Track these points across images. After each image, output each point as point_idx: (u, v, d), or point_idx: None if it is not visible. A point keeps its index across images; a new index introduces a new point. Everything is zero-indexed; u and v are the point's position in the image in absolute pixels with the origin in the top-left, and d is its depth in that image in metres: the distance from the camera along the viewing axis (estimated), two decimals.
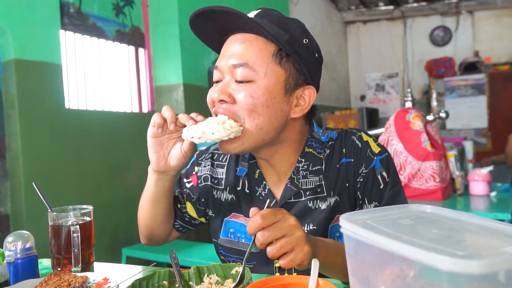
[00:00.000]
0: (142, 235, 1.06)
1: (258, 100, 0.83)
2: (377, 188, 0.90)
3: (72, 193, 2.53)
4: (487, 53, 6.02)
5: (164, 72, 3.42)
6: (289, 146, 0.93)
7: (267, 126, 0.85)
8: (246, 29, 0.85)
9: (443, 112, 2.57)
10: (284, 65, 0.85)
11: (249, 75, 0.83)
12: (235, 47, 0.85)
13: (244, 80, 0.83)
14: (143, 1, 3.37)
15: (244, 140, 0.85)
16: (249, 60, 0.83)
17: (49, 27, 2.47)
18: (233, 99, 0.84)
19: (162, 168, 0.91)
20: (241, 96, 0.83)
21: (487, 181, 2.50)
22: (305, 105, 0.89)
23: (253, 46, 0.84)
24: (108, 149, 2.80)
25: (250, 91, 0.83)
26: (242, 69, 0.83)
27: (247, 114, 0.83)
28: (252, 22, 0.81)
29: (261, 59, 0.84)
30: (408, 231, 0.53)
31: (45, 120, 2.40)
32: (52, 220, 0.84)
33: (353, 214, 0.61)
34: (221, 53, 0.89)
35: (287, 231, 0.71)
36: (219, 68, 0.87)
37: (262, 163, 0.96)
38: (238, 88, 0.84)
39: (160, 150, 0.89)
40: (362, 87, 6.76)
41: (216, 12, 0.82)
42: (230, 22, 0.85)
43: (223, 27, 0.88)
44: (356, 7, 6.62)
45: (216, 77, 0.89)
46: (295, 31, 0.86)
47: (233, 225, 0.99)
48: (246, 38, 0.85)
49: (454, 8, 6.15)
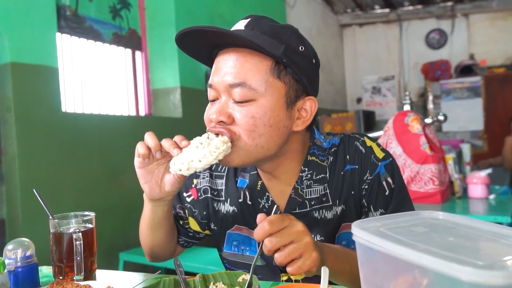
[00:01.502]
0: (147, 255, 1.03)
1: (260, 120, 0.79)
2: (382, 195, 0.88)
3: (69, 197, 2.50)
4: (482, 56, 6.06)
5: (161, 75, 3.40)
6: (292, 157, 0.90)
7: (268, 144, 0.81)
8: (239, 44, 0.80)
9: (442, 115, 2.57)
10: (283, 78, 0.81)
11: (248, 94, 0.78)
12: (229, 65, 0.80)
13: (243, 100, 0.79)
14: (140, 4, 3.36)
15: (244, 156, 0.81)
16: (246, 79, 0.78)
17: (45, 30, 2.44)
18: (232, 119, 0.80)
19: (157, 196, 0.87)
20: (242, 117, 0.79)
21: (486, 184, 2.51)
22: (307, 116, 0.86)
23: (248, 63, 0.79)
24: (105, 152, 2.77)
25: (251, 112, 0.79)
26: (240, 89, 0.78)
27: (247, 134, 0.79)
28: (245, 40, 0.76)
29: (259, 76, 0.79)
30: (423, 239, 0.52)
31: (41, 123, 2.38)
32: (54, 227, 0.82)
33: (364, 221, 0.60)
34: (214, 70, 0.83)
35: (295, 237, 0.70)
36: (214, 87, 0.82)
37: (264, 174, 0.93)
38: (238, 109, 0.79)
39: (151, 179, 0.85)
40: (358, 90, 6.78)
41: (206, 31, 0.78)
42: (221, 39, 0.80)
43: (213, 42, 0.83)
44: (352, 10, 6.63)
45: (211, 95, 0.84)
46: (289, 39, 0.81)
47: (236, 238, 0.96)
48: (239, 54, 0.80)
49: (450, 11, 6.18)
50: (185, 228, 1.05)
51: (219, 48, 0.84)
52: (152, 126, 3.14)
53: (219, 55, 0.84)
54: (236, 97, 0.79)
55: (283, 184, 0.91)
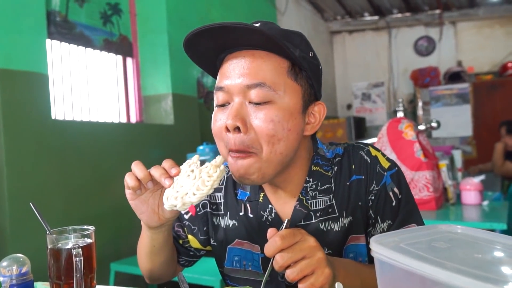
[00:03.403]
0: (146, 278, 1.00)
1: (279, 123, 0.75)
2: (389, 206, 0.86)
3: (59, 206, 2.44)
4: (470, 62, 6.15)
5: (153, 81, 3.37)
6: (300, 166, 0.87)
7: (287, 150, 0.77)
8: (255, 45, 0.76)
9: (435, 122, 2.58)
10: (300, 81, 0.79)
11: (267, 95, 0.75)
12: (245, 65, 0.76)
13: (262, 102, 0.75)
14: (131, 10, 3.32)
15: (264, 168, 0.76)
16: (265, 79, 0.75)
17: (35, 36, 2.39)
18: (248, 127, 0.75)
19: (157, 224, 0.82)
20: (260, 121, 0.74)
21: (479, 190, 2.52)
22: (315, 122, 0.84)
23: (267, 63, 0.76)
24: (96, 160, 2.72)
25: (270, 115, 0.74)
26: (259, 90, 0.74)
27: (267, 141, 0.75)
28: (274, 38, 0.72)
29: (278, 77, 0.76)
30: (447, 256, 0.50)
31: (30, 131, 2.32)
32: (51, 242, 0.79)
33: (382, 236, 0.58)
34: (224, 72, 0.79)
35: (307, 252, 0.67)
36: (226, 89, 0.77)
37: (267, 185, 0.89)
38: (255, 112, 0.75)
39: (147, 208, 0.81)
40: (348, 96, 6.81)
41: (228, 28, 0.72)
42: (238, 39, 0.75)
43: (225, 44, 0.78)
44: (342, 17, 6.69)
45: (220, 99, 0.78)
46: (301, 44, 0.81)
47: (237, 253, 0.92)
48: (256, 54, 0.76)
49: (438, 19, 6.27)
50: (185, 248, 1.01)
51: (228, 51, 0.80)
52: (143, 133, 3.10)
53: (229, 57, 0.79)
54: (255, 98, 0.75)
55: (287, 196, 0.88)
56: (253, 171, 0.76)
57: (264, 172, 0.77)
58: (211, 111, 3.82)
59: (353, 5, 6.30)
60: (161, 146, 3.21)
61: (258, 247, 0.90)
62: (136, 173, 0.77)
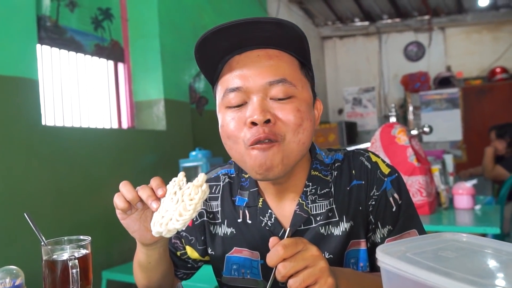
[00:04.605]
0: None
1: (304, 113, 0.78)
2: (389, 211, 0.87)
3: (49, 214, 2.40)
4: (459, 68, 6.22)
5: (144, 87, 3.34)
6: (300, 170, 0.87)
7: (307, 140, 0.80)
8: (270, 43, 0.78)
9: (427, 127, 2.60)
10: (307, 76, 0.83)
11: (290, 90, 0.77)
12: (264, 63, 0.77)
13: (285, 97, 0.77)
14: (122, 15, 3.30)
15: (285, 158, 0.77)
16: (286, 75, 0.77)
17: (25, 41, 2.36)
18: (275, 120, 0.76)
19: (151, 241, 0.81)
20: (287, 113, 0.76)
21: (471, 195, 2.54)
22: (317, 116, 0.88)
23: (283, 61, 0.78)
24: (87, 166, 2.68)
25: (295, 106, 0.77)
26: (282, 86, 0.76)
27: (293, 130, 0.76)
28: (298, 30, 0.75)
29: (295, 72, 0.79)
30: (456, 265, 0.49)
31: (20, 137, 2.28)
32: (47, 254, 0.76)
33: (388, 246, 0.57)
34: (235, 73, 0.78)
35: (310, 261, 0.66)
36: (244, 89, 0.77)
37: (267, 190, 0.89)
38: (280, 106, 0.76)
39: (140, 227, 0.79)
40: (339, 101, 6.85)
41: (261, 23, 0.73)
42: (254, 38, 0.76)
43: (240, 43, 0.77)
44: (333, 23, 6.73)
45: (236, 100, 0.78)
46: None
47: (236, 261, 0.91)
48: (270, 52, 0.78)
49: (427, 24, 6.34)
50: (182, 260, 1.00)
51: (237, 52, 0.79)
52: (135, 139, 3.07)
53: (240, 58, 0.79)
54: (278, 94, 0.76)
55: (287, 200, 0.88)
56: (277, 162, 0.76)
57: (285, 164, 0.77)
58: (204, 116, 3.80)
59: (343, 11, 6.34)
60: (153, 152, 3.18)
61: (258, 253, 0.89)
62: (124, 194, 0.75)
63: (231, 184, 0.95)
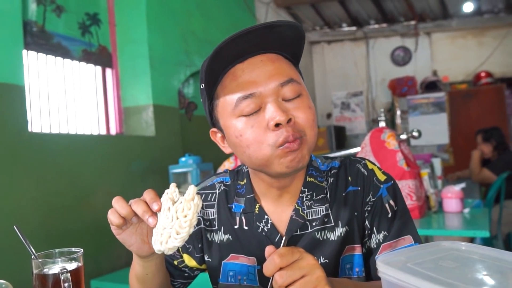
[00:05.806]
0: None
1: (313, 109, 0.82)
2: (385, 217, 0.87)
3: (36, 222, 2.35)
4: (445, 72, 6.31)
5: (133, 92, 3.31)
6: (296, 176, 0.87)
7: (316, 134, 0.83)
8: (266, 48, 0.80)
9: (416, 131, 2.62)
10: (301, 75, 0.86)
11: (298, 88, 0.79)
12: (270, 67, 0.79)
13: (295, 96, 0.79)
14: (110, 20, 3.27)
15: (308, 153, 0.80)
16: (291, 75, 0.80)
17: (11, 46, 2.32)
18: (293, 117, 0.77)
19: (147, 252, 0.80)
20: (302, 111, 0.78)
21: (460, 198, 2.56)
22: None
23: (283, 63, 0.81)
24: (74, 173, 2.64)
25: (306, 103, 0.80)
26: (291, 85, 0.78)
27: (310, 126, 0.79)
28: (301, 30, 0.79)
29: (295, 74, 0.82)
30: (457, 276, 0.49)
31: (6, 144, 2.24)
32: (37, 267, 0.74)
33: (388, 256, 0.57)
34: (245, 80, 0.77)
35: (307, 270, 0.66)
36: (258, 94, 0.76)
37: (265, 195, 0.89)
38: (292, 105, 0.78)
39: (136, 240, 0.79)
40: (328, 105, 6.88)
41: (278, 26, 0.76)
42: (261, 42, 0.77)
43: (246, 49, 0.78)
44: (321, 28, 6.77)
45: (252, 107, 0.77)
46: None
47: (232, 268, 0.91)
48: (270, 57, 0.80)
49: (413, 29, 6.42)
50: (179, 269, 0.99)
51: (238, 60, 0.79)
52: (123, 146, 3.04)
53: (243, 66, 0.78)
54: (289, 93, 0.78)
55: (283, 206, 0.89)
56: (305, 153, 0.79)
57: (306, 159, 0.80)
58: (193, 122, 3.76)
59: (331, 16, 6.39)
60: (142, 158, 3.15)
61: (254, 259, 0.89)
62: (118, 210, 0.74)
63: (226, 191, 0.95)
